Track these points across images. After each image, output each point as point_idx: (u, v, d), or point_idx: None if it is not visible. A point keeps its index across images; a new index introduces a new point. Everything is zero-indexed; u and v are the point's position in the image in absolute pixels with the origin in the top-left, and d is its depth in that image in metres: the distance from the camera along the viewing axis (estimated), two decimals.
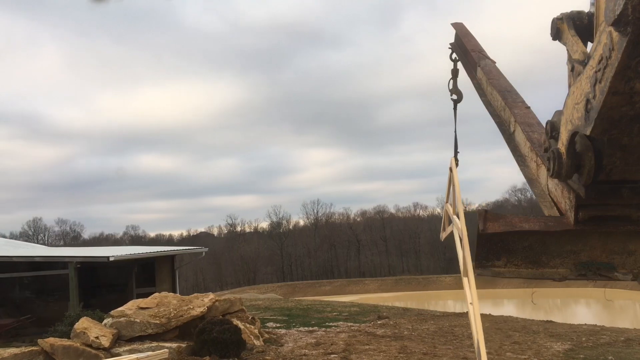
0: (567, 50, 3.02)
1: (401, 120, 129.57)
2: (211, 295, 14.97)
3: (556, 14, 3.30)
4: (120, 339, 13.06)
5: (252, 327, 15.15)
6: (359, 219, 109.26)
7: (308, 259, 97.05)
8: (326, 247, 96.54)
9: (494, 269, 2.75)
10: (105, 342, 12.45)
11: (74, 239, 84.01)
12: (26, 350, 12.71)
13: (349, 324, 19.14)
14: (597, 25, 2.23)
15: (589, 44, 2.82)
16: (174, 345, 12.61)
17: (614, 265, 2.70)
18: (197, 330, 12.81)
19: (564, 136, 2.49)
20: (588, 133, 2.15)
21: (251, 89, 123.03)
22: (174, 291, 19.33)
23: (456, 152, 6.38)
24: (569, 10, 3.26)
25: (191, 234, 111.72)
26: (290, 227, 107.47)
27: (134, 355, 10.52)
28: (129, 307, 13.76)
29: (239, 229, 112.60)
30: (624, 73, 1.87)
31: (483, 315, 21.77)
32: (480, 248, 2.76)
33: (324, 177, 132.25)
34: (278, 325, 18.80)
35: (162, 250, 19.68)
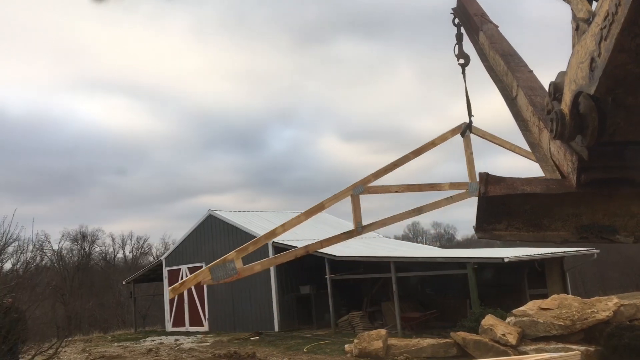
0: (571, 9, 2.70)
1: None
2: (615, 299, 14.25)
3: None
4: (525, 337, 13.58)
5: None
6: None
7: None
8: None
9: (495, 232, 2.72)
10: (512, 339, 13.13)
11: (448, 241, 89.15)
12: (441, 341, 14.36)
13: None
14: None
15: (594, 4, 2.53)
16: (582, 348, 12.48)
17: (616, 227, 2.65)
18: (605, 334, 12.43)
19: (567, 97, 2.41)
20: (592, 92, 2.10)
21: None
22: (566, 293, 18.98)
23: (470, 115, 6.39)
24: None
25: None
26: None
27: (547, 355, 10.83)
28: (530, 307, 14.18)
29: None
30: (631, 29, 1.81)
31: None
32: (481, 211, 2.69)
33: None
34: None
35: (553, 251, 19.61)
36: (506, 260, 16.43)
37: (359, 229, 7.98)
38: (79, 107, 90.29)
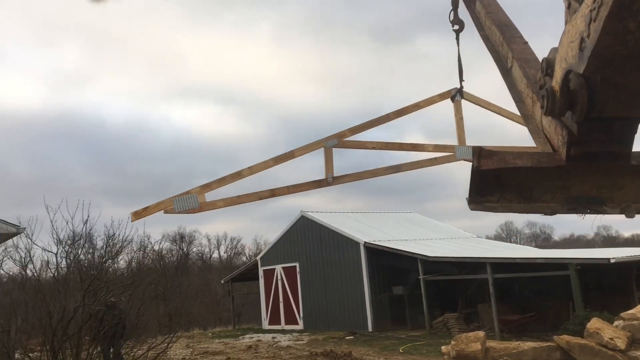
0: None
1: None
2: None
3: None
4: (634, 342, 12.94)
5: None
6: None
7: None
8: None
9: (487, 204, 2.78)
10: (621, 344, 12.54)
11: (545, 240, 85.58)
12: (544, 345, 13.91)
13: None
14: None
15: None
16: None
17: (603, 199, 2.72)
18: None
19: (558, 74, 2.43)
20: (582, 72, 2.15)
21: None
22: None
23: (461, 81, 6.29)
24: None
25: None
26: None
27: None
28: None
29: None
30: (618, 12, 1.84)
31: None
32: (474, 184, 2.76)
33: None
34: None
35: None
36: (612, 261, 15.66)
37: (330, 179, 8.26)
38: (174, 115, 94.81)
